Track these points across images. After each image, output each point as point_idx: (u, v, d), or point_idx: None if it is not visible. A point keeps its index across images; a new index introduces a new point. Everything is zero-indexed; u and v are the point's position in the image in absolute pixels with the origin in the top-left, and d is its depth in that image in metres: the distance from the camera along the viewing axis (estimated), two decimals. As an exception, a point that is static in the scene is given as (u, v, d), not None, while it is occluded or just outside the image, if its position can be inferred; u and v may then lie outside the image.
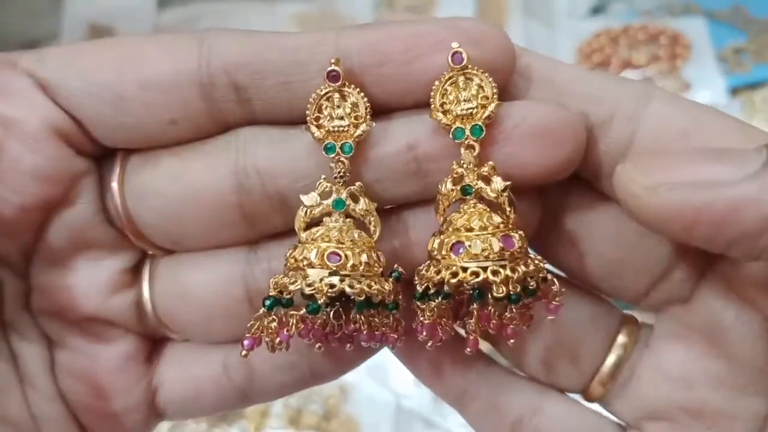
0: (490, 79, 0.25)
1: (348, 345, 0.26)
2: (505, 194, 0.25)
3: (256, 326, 0.25)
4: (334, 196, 0.26)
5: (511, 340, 0.26)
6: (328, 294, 0.24)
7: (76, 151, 0.27)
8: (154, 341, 0.30)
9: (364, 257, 0.25)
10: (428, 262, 0.25)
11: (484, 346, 0.28)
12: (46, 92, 0.26)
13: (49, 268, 0.28)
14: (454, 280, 0.24)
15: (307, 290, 0.24)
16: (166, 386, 0.30)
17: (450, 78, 0.25)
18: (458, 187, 0.25)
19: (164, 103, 0.26)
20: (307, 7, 0.88)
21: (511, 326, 0.25)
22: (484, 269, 0.24)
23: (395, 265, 0.26)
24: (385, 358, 0.30)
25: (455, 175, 0.25)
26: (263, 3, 0.89)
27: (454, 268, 0.24)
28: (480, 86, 0.25)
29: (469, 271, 0.24)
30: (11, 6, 0.84)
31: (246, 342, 0.25)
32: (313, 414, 0.62)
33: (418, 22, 0.25)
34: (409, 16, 0.28)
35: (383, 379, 0.62)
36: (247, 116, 0.26)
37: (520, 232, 0.25)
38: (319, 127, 0.25)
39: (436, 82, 0.25)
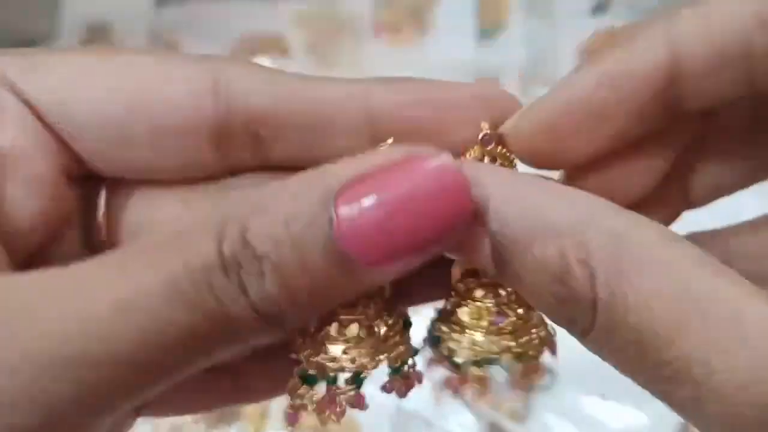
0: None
1: None
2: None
3: (297, 401, 0.25)
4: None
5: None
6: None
7: (66, 179, 0.24)
8: None
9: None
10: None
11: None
12: (38, 115, 0.23)
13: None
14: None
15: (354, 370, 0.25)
16: None
17: None
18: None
19: (174, 149, 0.23)
20: (307, 5, 0.88)
21: None
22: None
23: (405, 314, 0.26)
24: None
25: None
26: (263, 1, 0.88)
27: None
28: None
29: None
30: (8, 5, 0.84)
31: (290, 416, 0.25)
32: (312, 415, 0.61)
33: (448, 87, 0.24)
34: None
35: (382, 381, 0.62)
36: (260, 163, 0.25)
37: None
38: None
39: None
